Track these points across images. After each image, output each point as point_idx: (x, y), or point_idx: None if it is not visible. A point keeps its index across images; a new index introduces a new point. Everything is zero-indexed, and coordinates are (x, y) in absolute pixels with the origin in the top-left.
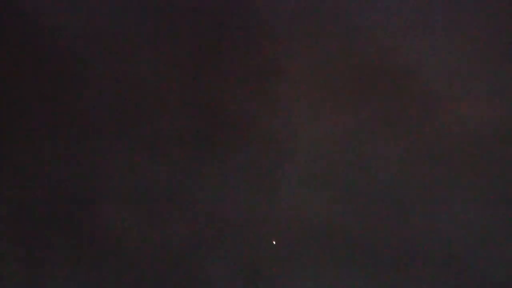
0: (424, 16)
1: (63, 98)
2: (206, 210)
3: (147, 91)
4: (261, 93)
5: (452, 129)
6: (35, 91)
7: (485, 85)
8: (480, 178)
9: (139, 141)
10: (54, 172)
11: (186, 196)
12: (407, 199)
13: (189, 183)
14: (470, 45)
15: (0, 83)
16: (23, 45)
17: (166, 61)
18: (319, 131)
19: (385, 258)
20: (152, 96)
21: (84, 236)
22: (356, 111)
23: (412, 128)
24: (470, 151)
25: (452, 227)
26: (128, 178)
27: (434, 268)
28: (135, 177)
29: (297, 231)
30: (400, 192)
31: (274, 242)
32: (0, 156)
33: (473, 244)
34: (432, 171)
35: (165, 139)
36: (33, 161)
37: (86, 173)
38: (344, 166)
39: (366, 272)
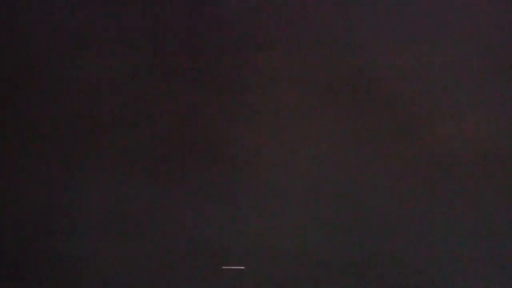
0: (416, 28)
1: (25, 110)
2: (173, 234)
3: (109, 106)
4: (236, 105)
5: (436, 148)
6: None
7: (473, 103)
8: (478, 194)
9: (101, 158)
10: (20, 196)
11: (160, 218)
12: (393, 223)
13: (163, 205)
14: (461, 61)
15: None
16: None
17: (130, 74)
18: (298, 149)
19: (380, 282)
20: (115, 114)
21: (57, 264)
22: (337, 127)
23: (397, 147)
24: (468, 166)
25: (451, 246)
26: (102, 199)
27: None
28: (110, 200)
29: (269, 260)
30: (385, 215)
31: (242, 268)
32: None
33: (472, 265)
34: (419, 192)
35: (131, 155)
36: None
37: (57, 195)
38: (324, 187)
39: None
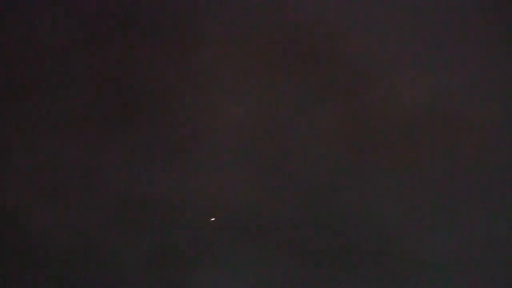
0: None
1: None
2: (116, 193)
3: (53, 61)
4: (178, 63)
5: (385, 106)
6: None
7: (423, 62)
8: (411, 157)
9: (44, 117)
10: None
11: (95, 178)
12: (337, 181)
13: (98, 164)
14: (408, 17)
15: None
16: None
17: (73, 28)
18: (242, 106)
19: (313, 249)
20: (59, 67)
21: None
22: (283, 84)
23: (343, 104)
24: (403, 127)
25: (383, 208)
26: (31, 159)
27: (370, 260)
28: (39, 158)
29: (216, 218)
30: (330, 174)
31: (212, 219)
32: None
33: (404, 226)
34: (365, 151)
35: (72, 114)
36: None
37: None
38: (268, 146)
39: (295, 257)
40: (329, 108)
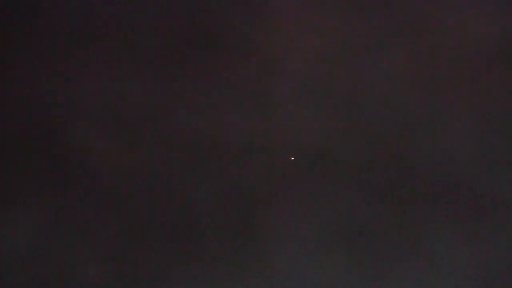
0: None
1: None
2: (189, 132)
3: (123, 3)
4: (248, 3)
5: (456, 41)
6: None
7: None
8: (481, 94)
9: (112, 55)
10: (20, 91)
11: (167, 117)
12: (407, 115)
13: (170, 102)
14: None
15: None
16: None
17: None
18: (313, 43)
19: (385, 180)
20: (128, 7)
21: (54, 160)
22: (352, 22)
23: (413, 40)
24: (472, 66)
25: (453, 146)
26: (102, 97)
27: (435, 191)
28: (110, 96)
29: (292, 153)
30: (400, 108)
31: (292, 158)
32: None
33: (474, 164)
34: (433, 86)
35: (142, 54)
36: None
37: (56, 92)
38: (341, 81)
39: (366, 195)
40: (401, 47)
